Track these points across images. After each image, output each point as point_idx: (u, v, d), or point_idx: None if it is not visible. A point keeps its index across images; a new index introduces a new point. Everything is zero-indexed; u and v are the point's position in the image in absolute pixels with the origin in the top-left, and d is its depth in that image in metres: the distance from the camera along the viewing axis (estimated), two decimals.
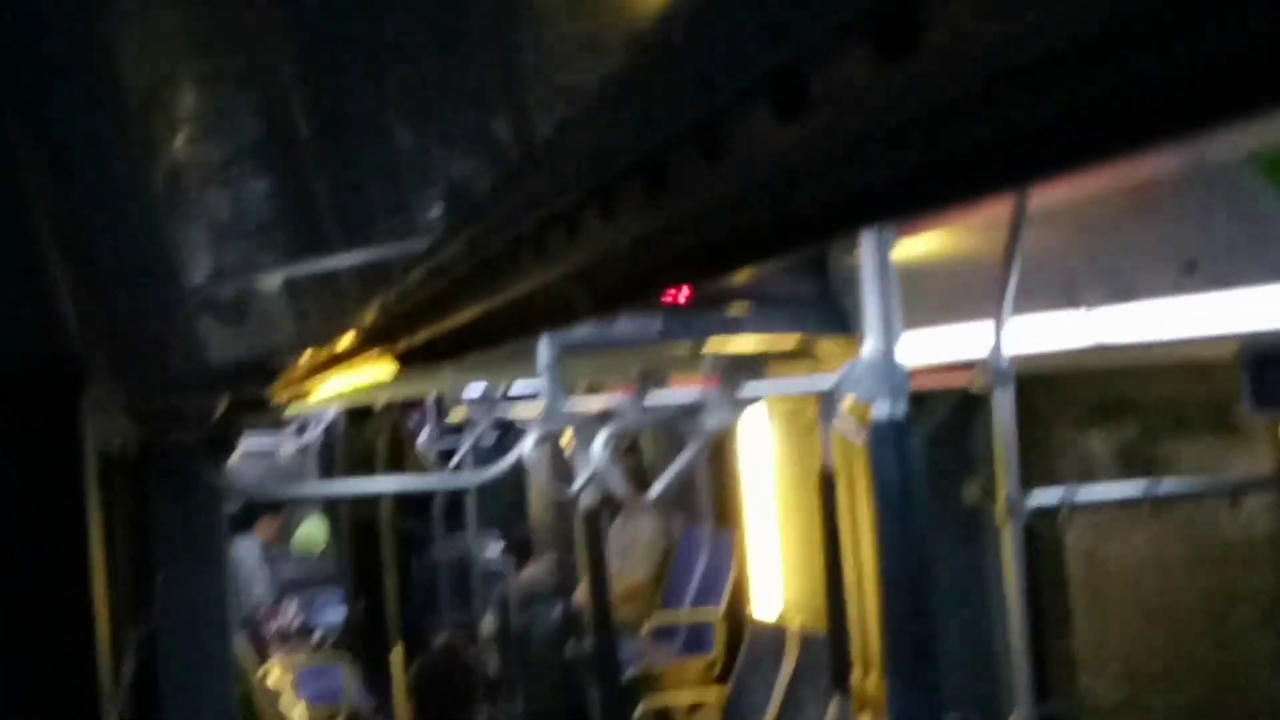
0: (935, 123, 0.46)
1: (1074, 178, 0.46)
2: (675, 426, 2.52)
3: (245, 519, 6.49)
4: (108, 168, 0.96)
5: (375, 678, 6.24)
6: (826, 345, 3.65)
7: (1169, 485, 2.65)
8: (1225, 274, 2.07)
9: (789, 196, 0.59)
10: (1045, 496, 2.63)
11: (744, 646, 5.04)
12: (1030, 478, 2.61)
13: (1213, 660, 2.69)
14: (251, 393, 2.60)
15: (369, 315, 1.68)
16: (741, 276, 2.92)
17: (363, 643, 6.34)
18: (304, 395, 3.62)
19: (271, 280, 1.43)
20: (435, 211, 1.27)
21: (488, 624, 6.49)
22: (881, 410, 1.91)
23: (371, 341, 1.86)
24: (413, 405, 6.27)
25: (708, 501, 5.76)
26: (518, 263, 1.07)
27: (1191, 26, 0.34)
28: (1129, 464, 3.64)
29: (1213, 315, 2.16)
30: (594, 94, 0.75)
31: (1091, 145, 0.42)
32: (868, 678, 4.03)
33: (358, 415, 6.84)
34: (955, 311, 2.89)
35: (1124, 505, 2.69)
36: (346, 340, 1.95)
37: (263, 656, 5.64)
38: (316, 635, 6.11)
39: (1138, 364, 3.01)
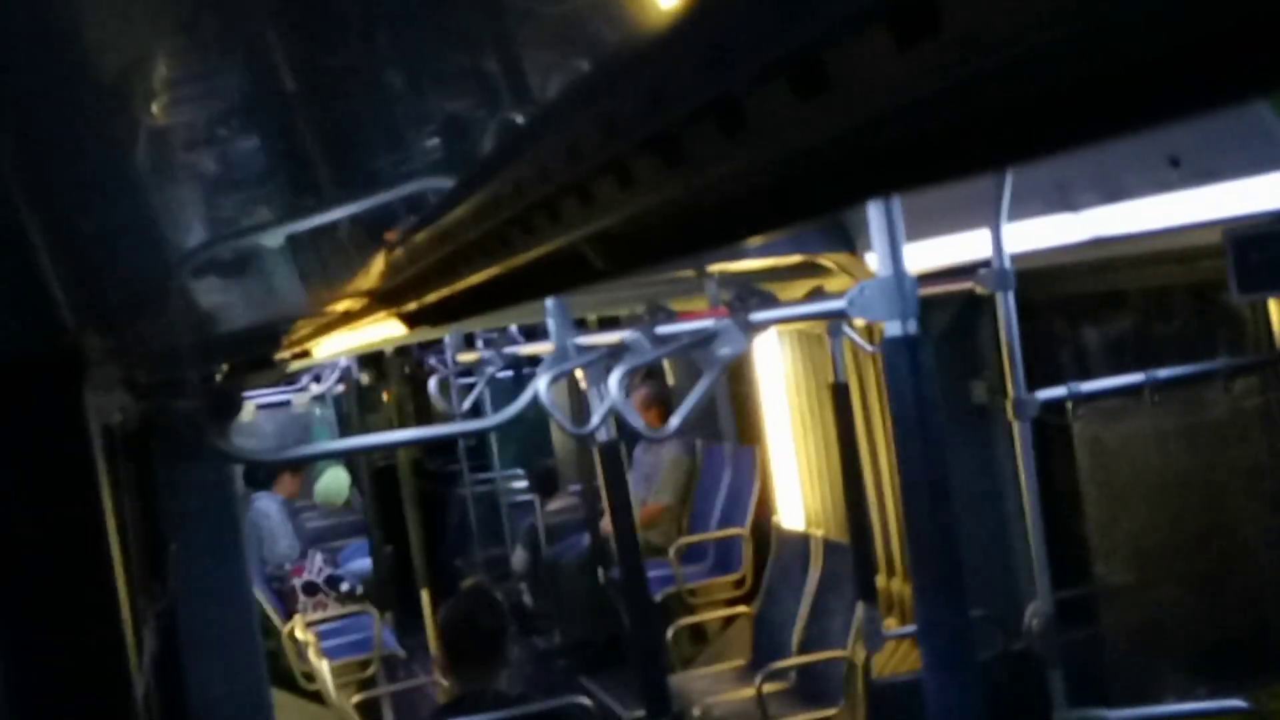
0: (948, 100, 0.48)
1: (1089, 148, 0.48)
2: (690, 356, 2.55)
3: (264, 475, 6.56)
4: (85, 141, 0.91)
5: (409, 624, 6.37)
6: (830, 259, 3.67)
7: (1166, 372, 2.72)
8: (1208, 167, 2.09)
9: (806, 168, 0.61)
10: (1051, 392, 2.69)
11: (771, 559, 5.15)
12: (1033, 372, 2.67)
13: (1213, 534, 2.80)
14: (254, 356, 2.54)
15: (374, 277, 1.67)
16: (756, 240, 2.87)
17: (394, 590, 6.46)
18: (309, 354, 3.61)
19: (270, 243, 1.41)
20: (441, 169, 1.26)
21: (519, 559, 6.62)
22: (894, 329, 1.95)
23: (378, 303, 1.85)
24: (428, 346, 6.25)
25: (728, 420, 5.82)
26: (530, 226, 1.08)
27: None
28: (1125, 351, 3.70)
29: (1197, 206, 2.20)
30: (607, 62, 0.74)
31: (1107, 123, 0.44)
32: (892, 580, 4.14)
33: (373, 361, 6.86)
34: (955, 221, 2.91)
35: (1125, 393, 2.76)
36: (352, 302, 1.94)
37: (290, 612, 5.69)
38: (344, 586, 6.18)
39: (1128, 256, 3.05)
